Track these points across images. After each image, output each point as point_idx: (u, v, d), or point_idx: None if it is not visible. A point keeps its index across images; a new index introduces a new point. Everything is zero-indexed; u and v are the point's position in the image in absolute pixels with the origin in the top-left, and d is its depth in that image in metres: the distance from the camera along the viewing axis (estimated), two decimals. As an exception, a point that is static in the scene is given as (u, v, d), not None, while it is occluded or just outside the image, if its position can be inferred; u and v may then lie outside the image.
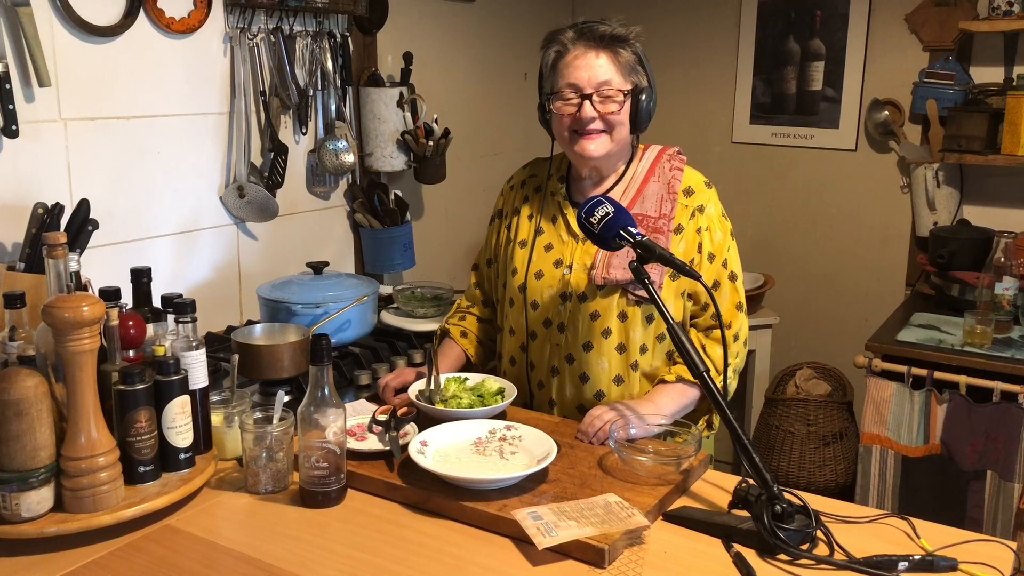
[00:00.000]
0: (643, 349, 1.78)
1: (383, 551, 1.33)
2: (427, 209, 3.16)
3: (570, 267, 1.80)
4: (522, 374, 1.88)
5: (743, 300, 1.83)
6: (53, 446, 1.36)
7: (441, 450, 1.56)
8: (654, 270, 1.69)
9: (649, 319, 1.77)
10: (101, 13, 2.06)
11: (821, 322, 3.61)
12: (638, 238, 1.52)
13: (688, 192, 1.80)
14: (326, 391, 1.45)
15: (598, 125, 1.73)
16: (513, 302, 1.87)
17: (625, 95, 1.73)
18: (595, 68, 1.71)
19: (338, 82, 2.63)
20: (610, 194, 1.80)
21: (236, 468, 1.60)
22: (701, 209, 1.79)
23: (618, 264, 1.74)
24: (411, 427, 1.64)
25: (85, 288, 1.75)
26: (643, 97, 1.75)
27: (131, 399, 1.42)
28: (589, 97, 1.71)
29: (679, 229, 1.78)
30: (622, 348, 1.78)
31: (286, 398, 1.55)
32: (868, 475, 2.78)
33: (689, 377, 1.70)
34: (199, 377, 1.54)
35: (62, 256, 1.49)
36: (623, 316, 1.76)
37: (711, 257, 1.79)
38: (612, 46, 1.72)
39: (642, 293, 1.72)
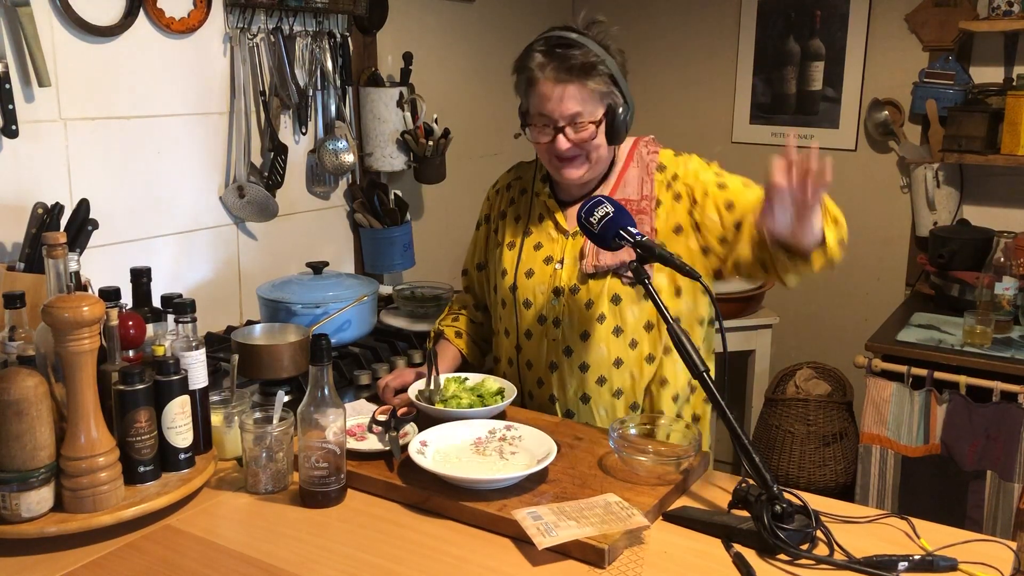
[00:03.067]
0: (648, 326, 1.78)
1: (383, 551, 1.33)
2: (427, 209, 3.16)
3: (561, 262, 1.81)
4: (520, 374, 1.89)
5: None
6: (53, 446, 1.36)
7: (441, 450, 1.56)
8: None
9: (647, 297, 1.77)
10: (101, 13, 2.06)
11: (821, 322, 3.61)
12: (638, 238, 1.53)
13: (661, 168, 1.81)
14: (326, 391, 1.45)
15: (575, 151, 1.73)
16: (505, 303, 1.88)
17: (597, 124, 1.71)
18: (566, 101, 1.68)
19: (338, 82, 2.63)
20: (595, 192, 1.80)
21: (236, 468, 1.59)
22: (675, 177, 1.79)
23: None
24: (411, 427, 1.64)
25: (85, 288, 1.75)
26: (618, 112, 1.72)
27: (131, 399, 1.42)
28: (562, 130, 1.70)
29: (658, 204, 1.79)
30: (618, 331, 1.77)
31: (286, 398, 1.54)
32: (868, 475, 2.78)
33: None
34: (199, 377, 1.54)
35: (62, 256, 1.49)
36: (616, 299, 1.76)
37: (705, 195, 1.75)
38: (581, 77, 1.67)
39: (631, 274, 1.71)
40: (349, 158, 2.63)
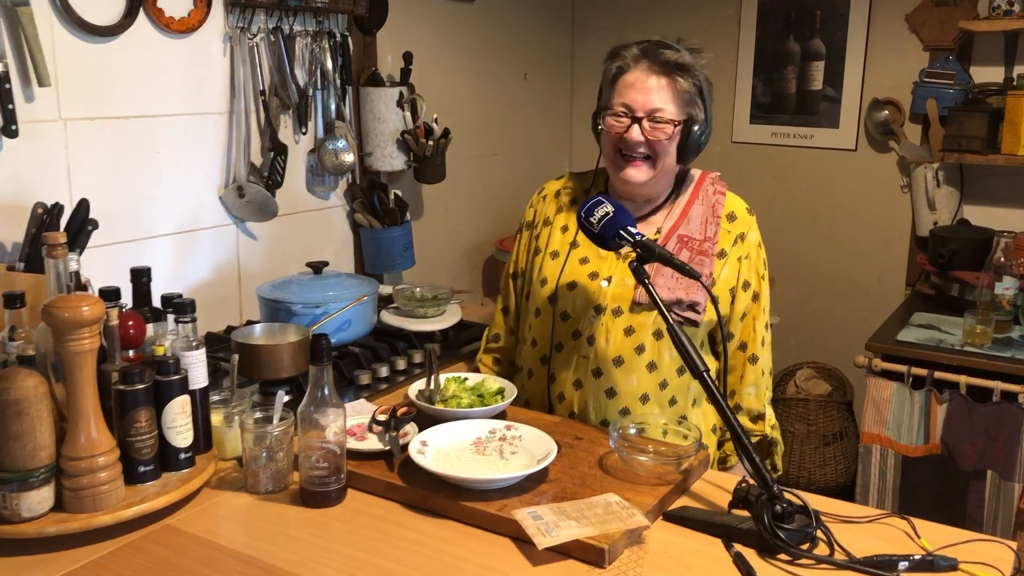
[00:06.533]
0: (681, 371, 1.75)
1: (383, 551, 1.33)
2: (427, 209, 3.16)
3: (609, 280, 1.77)
4: (542, 387, 1.85)
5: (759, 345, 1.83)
6: (53, 446, 1.36)
7: (441, 450, 1.56)
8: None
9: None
10: (101, 13, 2.06)
11: (821, 322, 3.61)
12: (638, 238, 1.53)
13: (731, 218, 1.80)
14: (326, 391, 1.45)
15: (643, 151, 1.71)
16: (540, 312, 1.84)
17: (676, 125, 1.70)
18: (651, 93, 1.68)
19: (338, 82, 2.63)
20: (652, 218, 1.80)
21: (236, 468, 1.59)
22: (743, 237, 1.79)
23: (663, 284, 1.72)
24: (411, 427, 1.64)
25: (85, 288, 1.75)
26: (695, 129, 1.71)
27: (131, 399, 1.42)
28: (639, 121, 1.69)
29: (722, 254, 1.77)
30: (653, 366, 1.75)
31: (286, 398, 1.54)
32: (868, 475, 2.78)
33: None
34: (199, 377, 1.54)
35: (62, 256, 1.49)
36: (658, 334, 1.74)
37: (746, 285, 1.79)
38: (673, 74, 1.69)
39: (686, 314, 1.72)
40: (349, 158, 2.63)
